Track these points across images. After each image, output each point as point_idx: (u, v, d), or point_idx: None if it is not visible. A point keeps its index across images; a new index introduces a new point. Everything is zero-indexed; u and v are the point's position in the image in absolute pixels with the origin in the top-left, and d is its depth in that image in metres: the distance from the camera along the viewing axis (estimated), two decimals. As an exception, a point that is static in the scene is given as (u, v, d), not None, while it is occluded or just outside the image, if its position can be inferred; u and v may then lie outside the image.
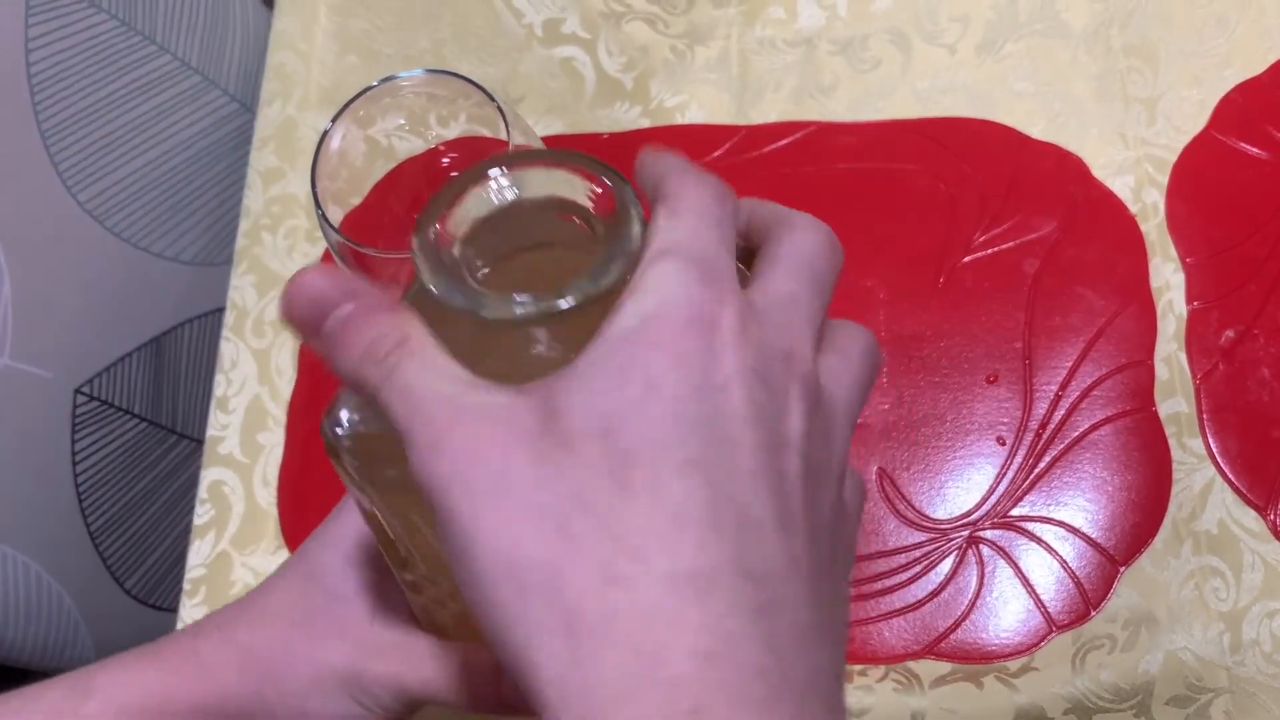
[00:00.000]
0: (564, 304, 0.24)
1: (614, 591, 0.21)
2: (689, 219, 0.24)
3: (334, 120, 0.44)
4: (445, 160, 0.53)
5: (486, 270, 0.26)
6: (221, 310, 0.63)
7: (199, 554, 0.59)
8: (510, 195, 0.27)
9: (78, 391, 0.64)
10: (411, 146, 0.53)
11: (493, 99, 0.44)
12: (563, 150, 0.27)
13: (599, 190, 0.26)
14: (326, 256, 0.64)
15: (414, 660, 0.34)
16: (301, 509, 0.59)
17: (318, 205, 0.43)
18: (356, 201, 0.53)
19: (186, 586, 0.59)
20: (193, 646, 0.36)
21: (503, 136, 0.48)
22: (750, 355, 0.23)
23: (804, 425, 0.23)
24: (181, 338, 0.72)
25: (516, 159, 0.27)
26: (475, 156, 0.52)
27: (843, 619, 0.25)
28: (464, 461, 0.22)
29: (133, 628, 0.70)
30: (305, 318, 0.25)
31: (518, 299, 0.24)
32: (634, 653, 0.20)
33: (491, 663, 0.32)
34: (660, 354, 0.22)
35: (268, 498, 0.60)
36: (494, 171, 0.26)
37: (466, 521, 0.22)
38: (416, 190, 0.53)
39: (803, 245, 0.26)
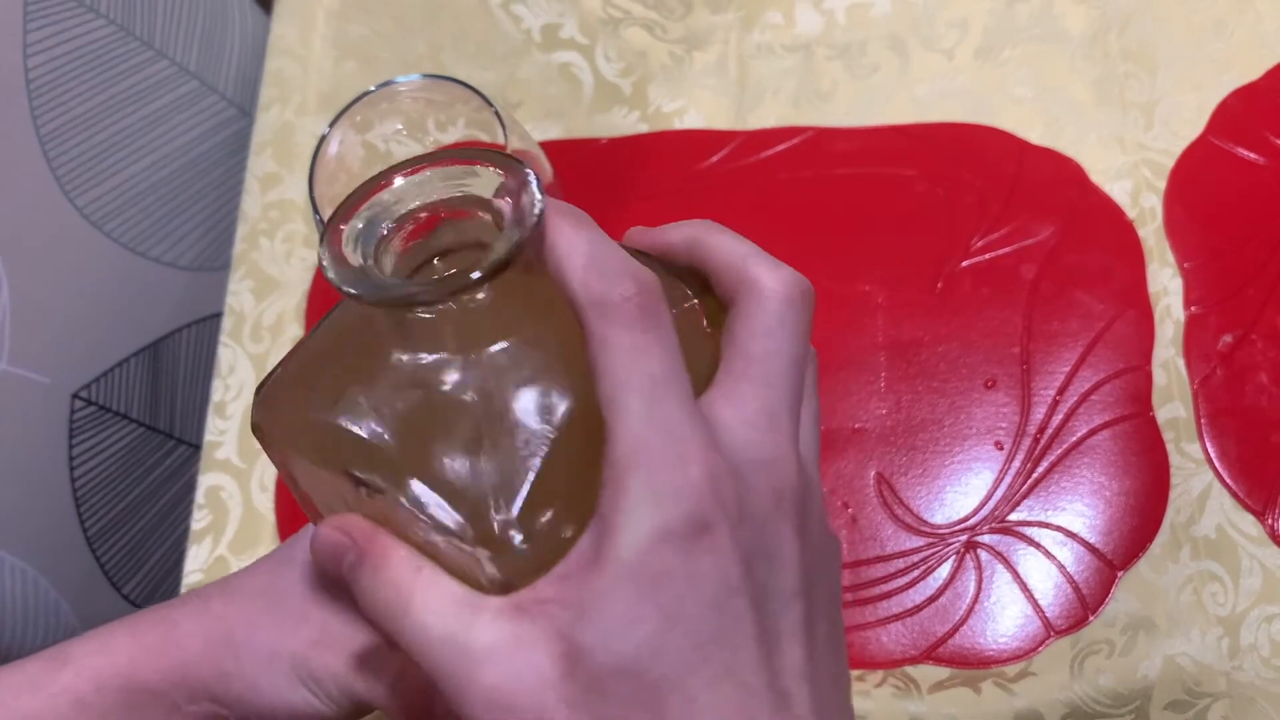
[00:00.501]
0: (461, 277, 0.23)
1: None
2: (627, 371, 0.24)
3: (332, 125, 0.44)
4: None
5: (396, 270, 0.26)
6: (219, 315, 0.63)
7: (196, 559, 0.59)
8: (403, 206, 0.26)
9: (75, 396, 0.64)
10: (409, 151, 0.53)
11: (490, 104, 0.44)
12: (458, 150, 0.27)
13: (501, 179, 0.25)
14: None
15: (360, 661, 0.34)
16: (299, 514, 0.59)
17: (315, 210, 0.43)
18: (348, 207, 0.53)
19: (184, 592, 0.59)
20: (167, 616, 0.36)
21: (500, 141, 0.48)
22: (748, 535, 0.24)
23: (799, 558, 0.25)
24: (179, 343, 0.71)
25: (414, 162, 0.26)
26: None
27: (846, 676, 0.27)
28: (498, 715, 0.23)
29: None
30: (331, 572, 0.27)
31: (420, 280, 0.24)
32: None
33: (423, 680, 0.32)
34: (671, 582, 0.23)
35: (265, 503, 0.60)
36: (391, 179, 0.26)
37: None
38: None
39: (778, 333, 0.26)
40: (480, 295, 0.25)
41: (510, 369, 0.26)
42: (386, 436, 0.26)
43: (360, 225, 0.26)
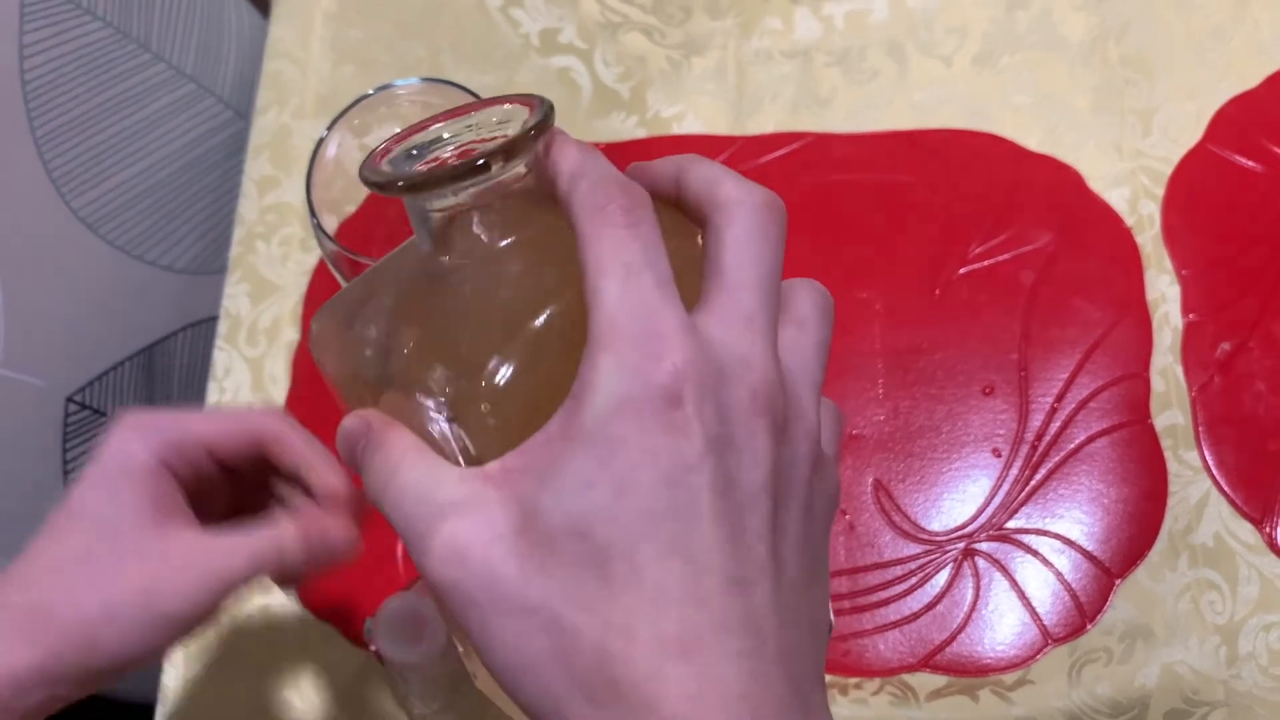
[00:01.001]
0: (471, 160, 0.25)
1: (613, 666, 0.24)
2: (612, 262, 0.25)
3: (329, 128, 0.43)
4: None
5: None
6: (214, 319, 0.63)
7: (191, 564, 0.59)
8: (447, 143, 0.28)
9: (69, 400, 0.64)
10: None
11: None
12: (495, 98, 0.29)
13: (525, 110, 0.28)
14: (321, 265, 0.63)
15: (223, 546, 0.37)
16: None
17: (312, 213, 0.42)
18: (351, 210, 0.53)
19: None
20: None
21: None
22: (715, 420, 0.24)
23: (771, 454, 0.25)
24: (174, 346, 0.71)
25: (450, 111, 0.29)
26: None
27: (823, 613, 0.27)
28: (453, 566, 0.24)
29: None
30: (347, 458, 0.29)
31: (419, 171, 0.27)
32: (635, 706, 0.23)
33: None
34: (626, 451, 0.24)
35: (260, 507, 0.60)
36: (435, 124, 0.28)
37: (475, 626, 0.25)
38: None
39: (746, 245, 0.26)
40: (490, 184, 0.27)
41: (508, 268, 0.28)
42: (391, 330, 0.28)
43: (397, 154, 0.28)
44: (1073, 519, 0.53)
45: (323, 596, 0.57)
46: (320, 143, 0.43)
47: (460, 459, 0.27)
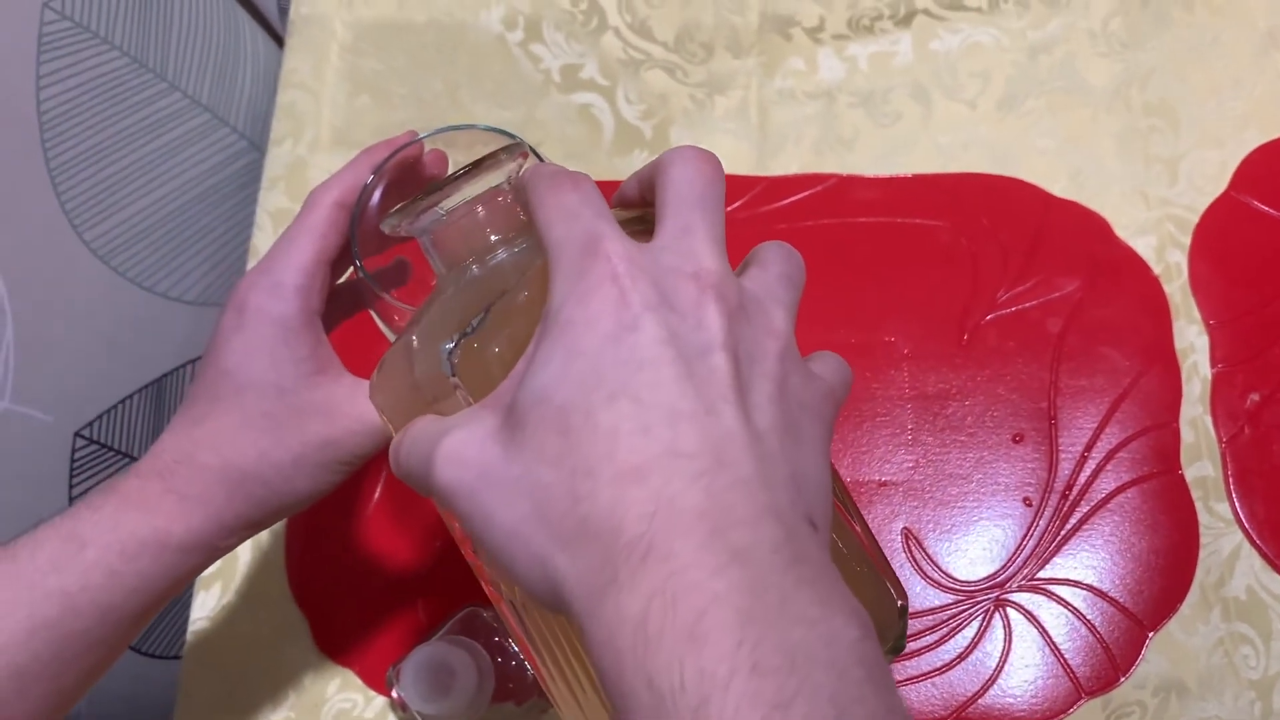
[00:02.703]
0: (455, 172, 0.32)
1: (581, 505, 0.25)
2: (556, 211, 0.28)
3: (375, 173, 0.42)
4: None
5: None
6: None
7: (204, 606, 0.58)
8: (448, 204, 0.34)
9: (77, 435, 0.62)
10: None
11: (534, 153, 0.43)
12: (471, 165, 0.33)
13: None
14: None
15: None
16: (309, 558, 0.58)
17: (356, 259, 0.42)
18: (370, 246, 0.52)
19: (190, 639, 0.57)
20: (164, 488, 0.39)
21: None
22: (653, 292, 0.27)
23: (723, 324, 0.27)
24: (183, 379, 0.70)
25: (447, 181, 0.33)
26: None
27: (813, 465, 0.28)
28: (453, 466, 0.27)
29: (125, 675, 0.68)
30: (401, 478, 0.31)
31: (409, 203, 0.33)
32: (603, 537, 0.25)
33: None
34: (573, 328, 0.27)
35: (275, 547, 0.58)
36: (431, 196, 0.33)
37: (477, 515, 0.27)
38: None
39: (680, 180, 0.29)
40: (479, 206, 0.33)
41: (492, 264, 0.33)
42: (415, 329, 0.32)
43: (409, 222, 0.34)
44: (1104, 570, 0.53)
45: (342, 642, 0.56)
46: (368, 186, 0.42)
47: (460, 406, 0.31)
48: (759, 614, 0.23)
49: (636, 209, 0.33)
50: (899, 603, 0.32)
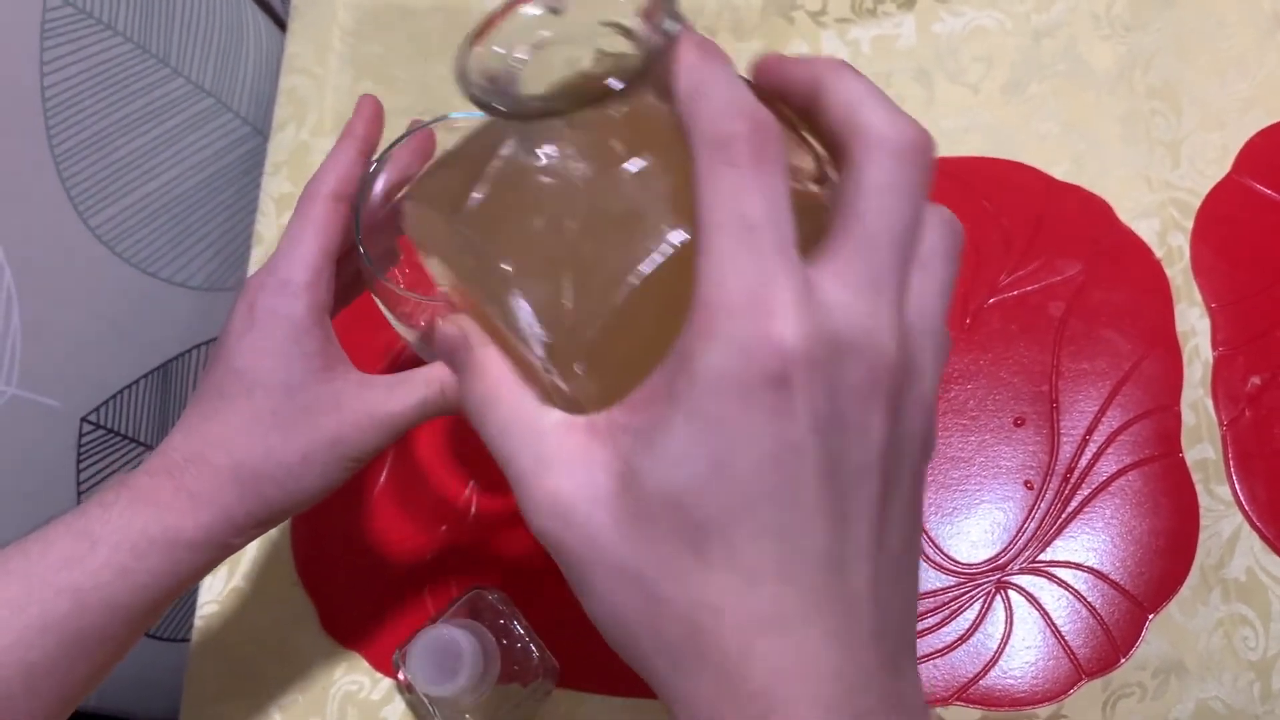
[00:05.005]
0: (577, 91, 0.23)
1: (701, 637, 0.23)
2: (727, 214, 0.23)
3: (378, 160, 0.43)
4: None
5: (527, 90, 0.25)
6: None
7: (211, 590, 0.58)
8: (541, 15, 0.26)
9: (84, 420, 0.63)
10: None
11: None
12: None
13: (637, 5, 0.25)
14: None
15: (396, 396, 0.41)
16: (315, 542, 0.58)
17: (359, 245, 0.42)
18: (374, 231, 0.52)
19: (198, 623, 0.58)
20: (175, 486, 0.39)
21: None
22: (823, 402, 0.23)
23: (885, 433, 0.24)
24: (188, 364, 0.70)
25: None
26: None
27: (916, 579, 0.26)
28: (555, 521, 0.25)
29: (132, 659, 0.69)
30: (445, 360, 0.29)
31: (535, 98, 0.24)
32: (720, 678, 0.23)
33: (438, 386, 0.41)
34: (727, 430, 0.23)
35: (281, 530, 0.59)
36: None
37: (573, 575, 0.25)
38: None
39: (886, 190, 0.23)
40: (610, 111, 0.24)
41: (619, 199, 0.25)
42: (493, 251, 0.26)
43: (497, 48, 0.26)
44: (1105, 552, 0.53)
45: (348, 625, 0.57)
46: (369, 175, 0.42)
47: (554, 393, 0.26)
48: None
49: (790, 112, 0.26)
50: None
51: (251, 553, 0.59)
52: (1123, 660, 0.51)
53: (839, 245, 0.23)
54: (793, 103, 0.26)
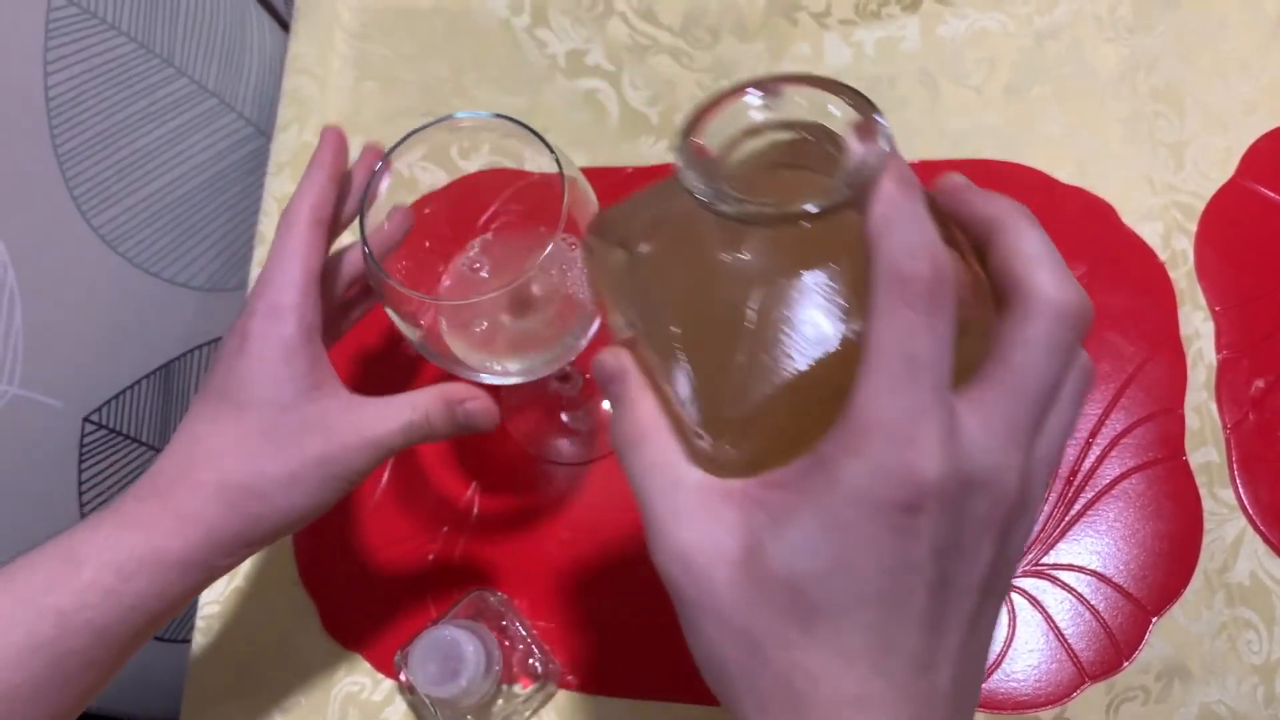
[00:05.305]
0: (784, 209, 0.25)
1: (791, 698, 0.26)
2: (897, 348, 0.25)
3: (385, 158, 0.43)
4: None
5: (733, 180, 0.27)
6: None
7: (212, 589, 0.58)
8: (761, 115, 0.28)
9: (86, 420, 0.63)
10: (433, 178, 0.52)
11: (549, 147, 0.43)
12: (821, 76, 0.28)
13: (849, 115, 0.27)
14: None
15: (384, 418, 0.41)
16: (317, 543, 0.58)
17: (365, 244, 0.42)
18: (377, 231, 0.52)
19: (199, 624, 0.57)
20: (162, 506, 0.39)
21: (527, 168, 0.48)
22: (948, 532, 0.25)
23: (991, 558, 0.26)
24: (190, 364, 0.70)
25: (771, 79, 0.28)
26: (497, 189, 0.52)
27: (982, 671, 0.29)
28: (677, 566, 0.27)
29: (136, 661, 0.69)
30: (600, 386, 0.32)
31: (753, 201, 0.26)
32: None
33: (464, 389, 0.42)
34: (854, 537, 0.25)
35: (284, 533, 0.59)
36: (751, 90, 0.28)
37: (682, 612, 0.28)
38: (437, 223, 0.52)
39: (1040, 349, 0.26)
40: (803, 224, 0.26)
41: (795, 297, 0.27)
42: (666, 310, 0.29)
43: (712, 138, 0.28)
44: (1108, 556, 0.53)
45: (350, 626, 0.57)
46: (375, 174, 0.42)
47: (697, 450, 0.29)
48: None
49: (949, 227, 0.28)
50: None
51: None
52: (1126, 664, 0.51)
53: (988, 388, 0.26)
54: (968, 232, 0.28)
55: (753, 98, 0.28)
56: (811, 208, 0.25)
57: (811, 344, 0.26)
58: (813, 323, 0.27)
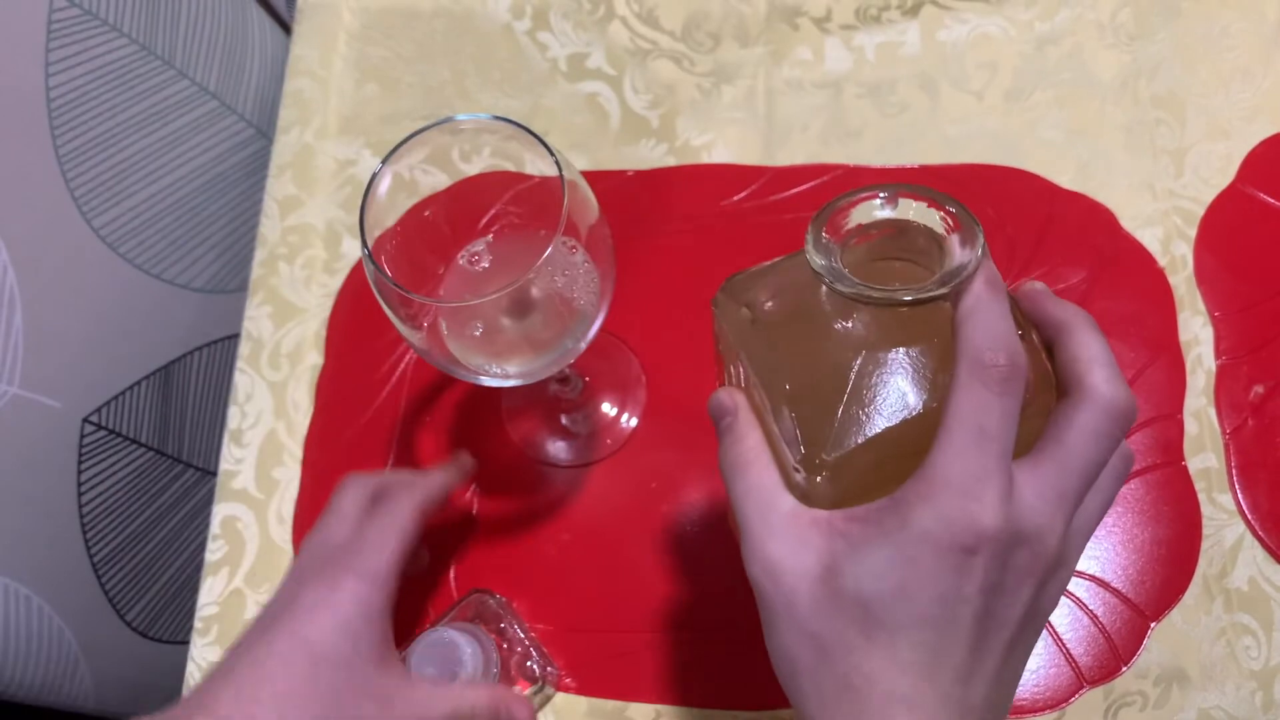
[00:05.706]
0: (893, 295, 0.31)
1: (849, 695, 0.31)
2: (970, 420, 0.30)
3: (385, 161, 0.43)
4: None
5: (850, 264, 0.33)
6: (231, 338, 0.62)
7: (211, 592, 0.58)
8: (883, 213, 0.33)
9: (85, 421, 0.63)
10: (434, 181, 0.52)
11: (551, 152, 0.43)
12: (935, 191, 0.33)
13: (953, 223, 0.33)
14: (344, 290, 0.63)
15: (436, 703, 0.44)
16: (317, 547, 0.58)
17: (365, 246, 0.42)
18: (378, 232, 0.52)
19: (198, 625, 0.57)
20: None
21: (527, 171, 0.48)
22: (996, 574, 0.30)
23: (1031, 596, 0.31)
24: (190, 365, 0.70)
25: (897, 189, 0.33)
26: (497, 192, 0.52)
27: (1012, 694, 0.34)
28: (767, 577, 0.33)
29: (132, 662, 0.69)
30: (713, 420, 0.37)
31: (866, 284, 0.31)
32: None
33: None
34: (917, 568, 0.30)
35: (283, 535, 0.59)
36: (880, 193, 0.33)
37: (765, 618, 0.34)
38: (437, 225, 0.52)
39: (1091, 435, 0.31)
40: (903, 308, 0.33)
41: (890, 366, 0.33)
42: (781, 368, 0.34)
43: (835, 228, 0.34)
44: (1107, 560, 0.53)
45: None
46: (375, 176, 0.42)
47: (792, 482, 0.34)
48: None
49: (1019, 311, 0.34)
50: None
51: (252, 553, 0.59)
52: (1124, 669, 0.51)
53: (1042, 461, 0.31)
54: (1041, 330, 0.34)
55: (879, 200, 0.33)
56: (913, 296, 0.31)
57: (898, 408, 0.32)
58: (901, 390, 0.33)
